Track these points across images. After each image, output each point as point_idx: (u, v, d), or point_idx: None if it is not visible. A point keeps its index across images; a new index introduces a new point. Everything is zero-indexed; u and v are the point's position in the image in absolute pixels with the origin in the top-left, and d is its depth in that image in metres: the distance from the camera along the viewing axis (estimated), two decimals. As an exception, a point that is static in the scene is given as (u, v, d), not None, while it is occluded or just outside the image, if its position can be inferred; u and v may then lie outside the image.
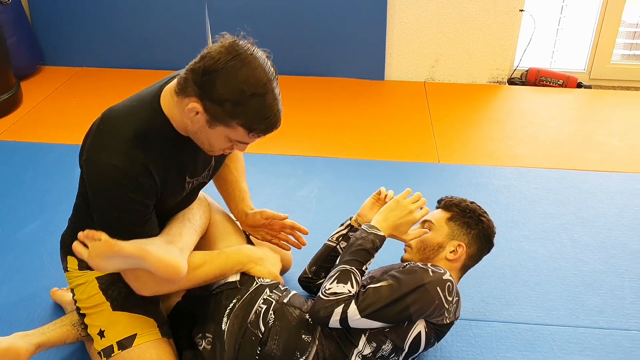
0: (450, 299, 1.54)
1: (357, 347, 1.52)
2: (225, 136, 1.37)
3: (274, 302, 1.57)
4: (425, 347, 1.59)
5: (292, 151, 2.89)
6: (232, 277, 1.62)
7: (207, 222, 1.70)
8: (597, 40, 3.76)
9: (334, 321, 1.47)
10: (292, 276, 2.00)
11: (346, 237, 1.84)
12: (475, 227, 1.71)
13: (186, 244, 1.52)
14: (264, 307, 1.56)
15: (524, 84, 3.79)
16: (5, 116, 3.12)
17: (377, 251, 1.59)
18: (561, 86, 3.72)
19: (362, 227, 1.63)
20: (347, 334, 1.52)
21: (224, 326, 1.53)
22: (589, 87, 3.76)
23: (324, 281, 1.53)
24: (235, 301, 1.57)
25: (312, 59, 3.69)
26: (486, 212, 1.75)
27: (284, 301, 1.58)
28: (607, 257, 2.21)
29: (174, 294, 1.69)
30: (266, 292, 1.60)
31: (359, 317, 1.46)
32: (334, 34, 3.60)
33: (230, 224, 1.79)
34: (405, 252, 1.74)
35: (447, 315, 1.56)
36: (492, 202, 2.52)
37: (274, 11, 3.54)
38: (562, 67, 3.89)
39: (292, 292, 1.65)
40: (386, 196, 1.81)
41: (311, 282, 1.89)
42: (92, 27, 3.66)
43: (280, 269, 1.75)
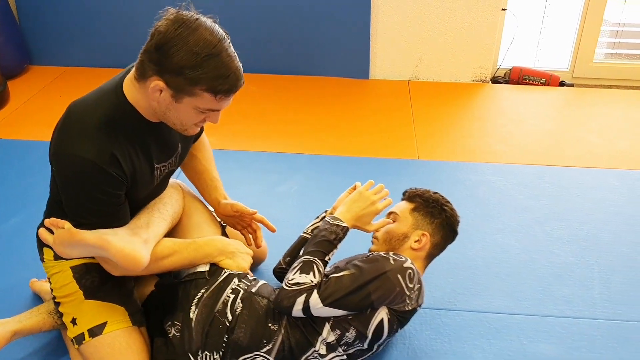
0: (411, 286, 1.58)
1: (322, 334, 1.56)
2: (193, 107, 1.38)
3: (242, 291, 1.61)
4: (389, 334, 1.62)
5: (275, 148, 2.93)
6: (201, 267, 1.65)
7: (179, 210, 1.73)
8: (580, 39, 3.81)
9: (297, 310, 1.50)
10: (266, 267, 2.04)
11: None
12: (438, 216, 1.75)
13: (153, 235, 1.54)
14: (232, 296, 1.59)
15: (507, 82, 3.84)
16: (-9, 114, 3.17)
17: (340, 242, 1.63)
18: (544, 84, 3.76)
19: (325, 218, 1.67)
20: (312, 322, 1.56)
21: (192, 314, 1.57)
22: (572, 85, 3.80)
23: (288, 272, 1.57)
24: (203, 290, 1.60)
25: (297, 58, 3.73)
26: (450, 202, 1.79)
27: (252, 290, 1.62)
28: (578, 250, 2.25)
29: (147, 282, 1.73)
30: (234, 282, 1.63)
31: (321, 305, 1.50)
32: (319, 33, 3.64)
33: (204, 213, 1.82)
34: (372, 244, 1.79)
35: (408, 302, 1.60)
36: (469, 196, 2.57)
37: (259, 10, 3.58)
38: (546, 66, 3.93)
39: (260, 282, 1.68)
40: None
41: (285, 273, 1.92)
42: (79, 28, 3.70)
43: (251, 263, 1.76)
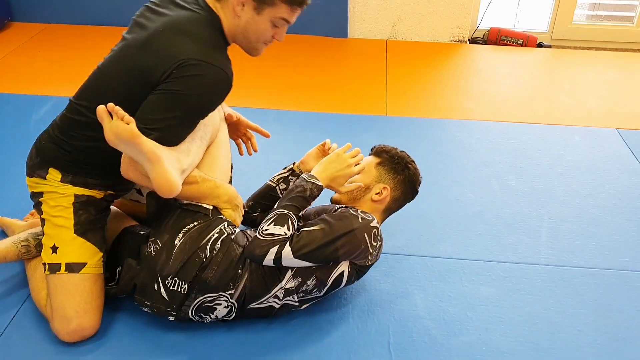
0: (375, 244, 1.66)
1: (282, 282, 1.63)
2: (270, 20, 1.58)
3: (225, 234, 1.65)
4: (345, 284, 1.71)
5: (246, 103, 2.97)
6: (206, 205, 1.70)
7: (215, 133, 1.77)
8: (559, 0, 3.81)
9: (268, 260, 1.56)
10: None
11: (286, 180, 1.93)
12: (401, 172, 1.81)
13: (190, 165, 1.60)
14: (216, 235, 1.63)
15: (485, 43, 3.85)
16: (-31, 68, 3.22)
17: (314, 199, 1.69)
18: (521, 45, 3.77)
19: (302, 175, 1.71)
20: (277, 269, 1.62)
21: (177, 241, 1.61)
22: (549, 46, 3.81)
23: (262, 223, 1.62)
24: (196, 223, 1.65)
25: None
26: (414, 162, 1.85)
27: (232, 237, 1.66)
28: (531, 202, 2.31)
29: (126, 220, 1.82)
30: (224, 225, 1.67)
31: (292, 257, 1.56)
32: (297, -8, 3.64)
33: (225, 148, 1.82)
34: (334, 192, 1.84)
35: (370, 258, 1.69)
36: (431, 151, 2.62)
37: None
38: (526, 28, 3.94)
39: (237, 229, 1.73)
40: (330, 148, 1.90)
41: (246, 216, 1.98)
42: (59, -16, 3.72)
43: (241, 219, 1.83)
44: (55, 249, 1.63)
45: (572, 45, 3.90)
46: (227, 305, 1.62)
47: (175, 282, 1.59)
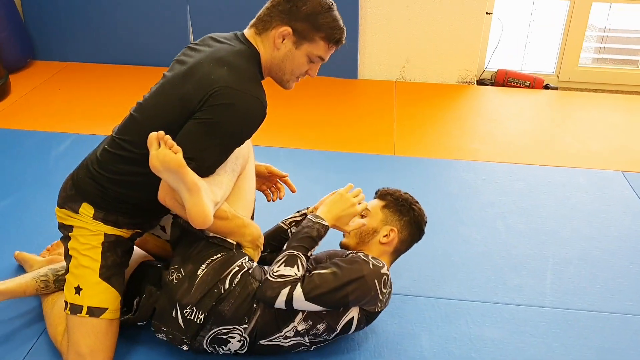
0: (385, 290, 1.71)
1: (293, 322, 1.67)
2: (307, 55, 1.68)
3: (245, 269, 1.68)
4: (354, 330, 1.75)
5: (256, 142, 3.03)
6: (231, 239, 1.73)
7: (243, 169, 1.81)
8: (565, 43, 3.90)
9: (280, 301, 1.59)
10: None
11: (298, 224, 1.96)
12: (407, 214, 1.86)
13: (222, 197, 1.64)
14: (236, 269, 1.67)
15: (493, 84, 3.94)
16: (-8, 105, 3.33)
17: (321, 239, 1.74)
18: (528, 87, 3.85)
19: (308, 216, 1.77)
20: (287, 311, 1.65)
21: (199, 272, 1.65)
22: (556, 88, 3.89)
23: (272, 265, 1.66)
24: (219, 255, 1.68)
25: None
26: (418, 202, 1.91)
27: (250, 271, 1.70)
28: (536, 243, 2.35)
29: (142, 255, 1.89)
30: (245, 259, 1.71)
31: (303, 299, 1.59)
32: (309, 34, 3.76)
33: (251, 180, 1.87)
34: (344, 237, 1.90)
35: (379, 304, 1.73)
36: (437, 190, 2.67)
37: (253, 11, 3.70)
38: (533, 70, 4.02)
39: (254, 264, 1.76)
40: None
41: None
42: (80, 24, 3.86)
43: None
44: (79, 290, 1.66)
45: (578, 87, 3.98)
46: (240, 339, 1.66)
47: (192, 312, 1.63)
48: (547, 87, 3.88)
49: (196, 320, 1.63)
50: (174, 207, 1.61)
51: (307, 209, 2.01)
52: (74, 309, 1.66)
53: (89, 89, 3.61)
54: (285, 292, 1.58)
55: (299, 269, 1.63)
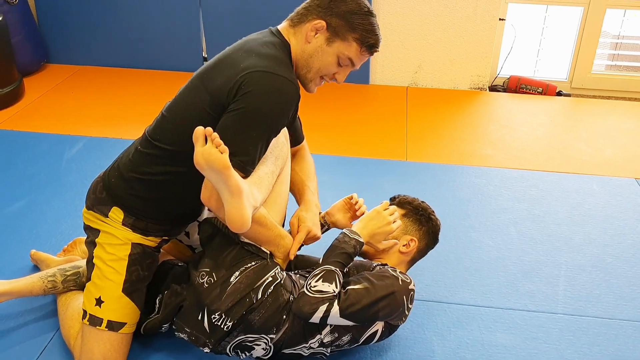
0: (410, 306, 1.72)
1: (320, 334, 1.66)
2: (337, 55, 1.63)
3: (278, 280, 1.67)
4: (376, 341, 1.75)
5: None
6: (264, 249, 1.71)
7: (281, 171, 1.77)
8: (578, 50, 3.88)
9: (316, 317, 1.58)
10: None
11: None
12: (426, 223, 1.87)
13: (261, 201, 1.60)
14: (270, 279, 1.65)
15: (505, 91, 3.92)
16: (6, 108, 3.35)
17: (356, 255, 1.73)
18: (541, 94, 3.84)
19: (344, 231, 1.75)
20: (317, 324, 1.65)
21: (232, 279, 1.63)
22: (568, 95, 3.87)
23: (309, 278, 1.64)
24: (253, 263, 1.66)
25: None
26: (434, 211, 1.90)
27: (282, 282, 1.68)
28: (549, 250, 2.33)
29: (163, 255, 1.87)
30: (277, 269, 1.69)
31: (339, 316, 1.59)
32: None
33: (286, 184, 1.82)
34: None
35: (404, 319, 1.74)
36: (450, 197, 2.66)
37: (266, 14, 3.72)
38: (546, 76, 4.01)
39: (285, 274, 1.75)
40: (357, 203, 1.93)
41: None
42: (93, 28, 3.89)
43: None
44: (100, 302, 1.64)
45: (591, 94, 3.96)
46: (266, 347, 1.65)
47: (221, 318, 1.62)
48: (559, 93, 3.86)
49: (223, 327, 1.62)
50: (216, 208, 1.55)
51: (319, 214, 2.01)
52: (94, 321, 1.65)
53: (102, 92, 3.63)
54: (323, 309, 1.57)
55: (337, 286, 1.61)
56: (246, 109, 1.52)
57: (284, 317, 1.64)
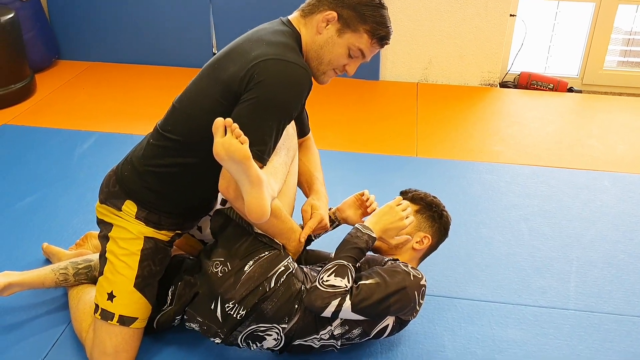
0: (421, 301, 1.71)
1: (331, 326, 1.66)
2: (348, 46, 1.62)
3: (290, 269, 1.67)
4: (387, 336, 1.75)
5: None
6: (277, 240, 1.72)
7: (293, 159, 1.78)
8: (590, 46, 3.85)
9: (328, 312, 1.58)
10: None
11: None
12: (438, 220, 1.86)
13: (278, 190, 1.62)
14: (282, 269, 1.66)
15: (516, 87, 3.90)
16: (18, 103, 3.38)
17: (369, 250, 1.73)
18: (551, 90, 3.81)
19: (356, 226, 1.75)
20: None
21: (246, 267, 1.63)
22: (580, 91, 3.85)
23: (321, 272, 1.64)
24: (267, 253, 1.66)
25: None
26: (445, 207, 1.90)
27: (293, 272, 1.68)
28: (560, 246, 2.32)
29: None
30: (289, 259, 1.69)
31: (350, 311, 1.59)
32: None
33: (295, 176, 1.82)
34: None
35: (414, 314, 1.74)
36: (460, 193, 2.65)
37: (276, 11, 3.71)
38: (556, 73, 3.99)
39: (296, 265, 1.73)
40: (368, 199, 1.92)
41: None
42: (105, 25, 3.91)
43: None
44: (112, 297, 1.65)
45: (602, 90, 3.93)
46: (277, 337, 1.65)
47: (234, 307, 1.62)
48: (571, 90, 3.84)
49: (236, 315, 1.62)
50: (234, 198, 1.55)
51: (330, 209, 2.01)
52: (105, 316, 1.65)
53: (113, 88, 3.65)
54: (335, 304, 1.57)
55: (349, 281, 1.61)
56: (260, 98, 1.51)
57: (296, 306, 1.64)
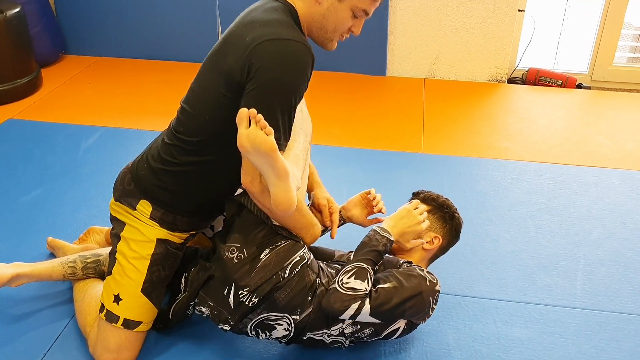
0: (434, 306, 1.71)
1: (343, 323, 1.65)
2: (351, 9, 1.56)
3: (305, 260, 1.66)
4: (397, 337, 1.74)
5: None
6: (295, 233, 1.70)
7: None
8: (599, 42, 3.81)
9: (347, 314, 1.56)
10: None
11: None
12: (449, 221, 1.85)
13: (303, 180, 1.59)
14: (298, 258, 1.64)
15: (524, 83, 3.87)
16: (24, 98, 3.38)
17: (387, 253, 1.72)
18: (560, 86, 3.78)
19: (374, 228, 1.74)
20: None
21: (263, 256, 1.62)
22: (589, 88, 3.81)
23: (340, 274, 1.62)
24: (283, 242, 1.65)
25: (317, 53, 3.83)
26: (457, 209, 1.88)
27: (308, 263, 1.67)
28: (567, 243, 2.30)
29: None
30: (305, 249, 1.68)
31: (369, 314, 1.58)
32: (338, 30, 3.74)
33: (307, 167, 1.79)
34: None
35: (426, 318, 1.73)
36: (467, 189, 2.63)
37: (281, 7, 3.71)
38: (565, 69, 3.95)
39: (311, 255, 1.73)
40: (374, 198, 1.91)
41: None
42: (111, 20, 3.90)
43: None
44: (118, 299, 1.64)
45: (612, 87, 3.89)
46: (287, 328, 1.64)
47: (247, 295, 1.60)
48: (579, 86, 3.80)
49: (248, 303, 1.61)
50: (262, 192, 1.51)
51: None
52: (110, 317, 1.65)
53: (119, 83, 3.65)
54: (355, 307, 1.56)
55: (368, 284, 1.60)
56: (265, 83, 1.47)
57: (309, 299, 1.63)
